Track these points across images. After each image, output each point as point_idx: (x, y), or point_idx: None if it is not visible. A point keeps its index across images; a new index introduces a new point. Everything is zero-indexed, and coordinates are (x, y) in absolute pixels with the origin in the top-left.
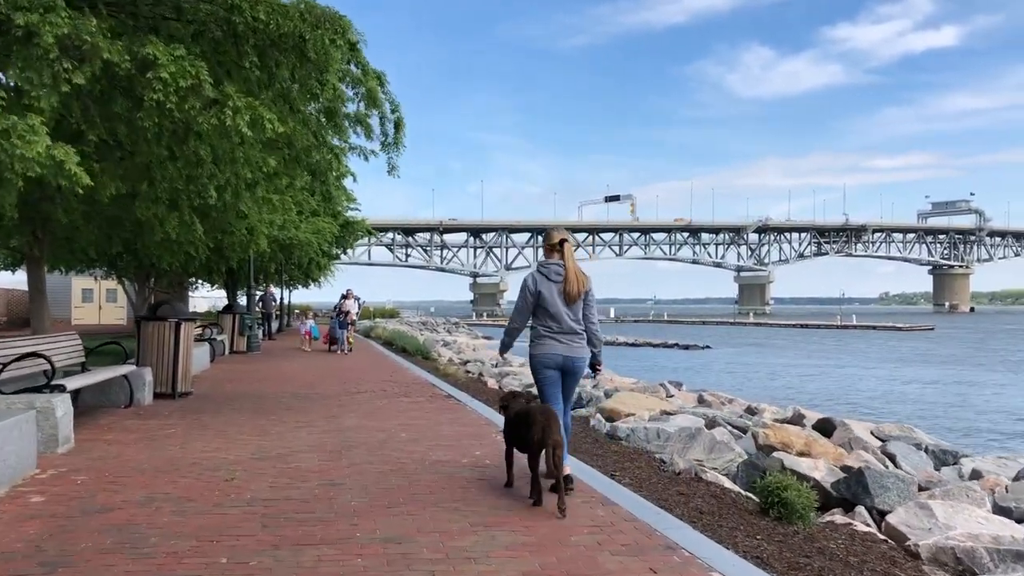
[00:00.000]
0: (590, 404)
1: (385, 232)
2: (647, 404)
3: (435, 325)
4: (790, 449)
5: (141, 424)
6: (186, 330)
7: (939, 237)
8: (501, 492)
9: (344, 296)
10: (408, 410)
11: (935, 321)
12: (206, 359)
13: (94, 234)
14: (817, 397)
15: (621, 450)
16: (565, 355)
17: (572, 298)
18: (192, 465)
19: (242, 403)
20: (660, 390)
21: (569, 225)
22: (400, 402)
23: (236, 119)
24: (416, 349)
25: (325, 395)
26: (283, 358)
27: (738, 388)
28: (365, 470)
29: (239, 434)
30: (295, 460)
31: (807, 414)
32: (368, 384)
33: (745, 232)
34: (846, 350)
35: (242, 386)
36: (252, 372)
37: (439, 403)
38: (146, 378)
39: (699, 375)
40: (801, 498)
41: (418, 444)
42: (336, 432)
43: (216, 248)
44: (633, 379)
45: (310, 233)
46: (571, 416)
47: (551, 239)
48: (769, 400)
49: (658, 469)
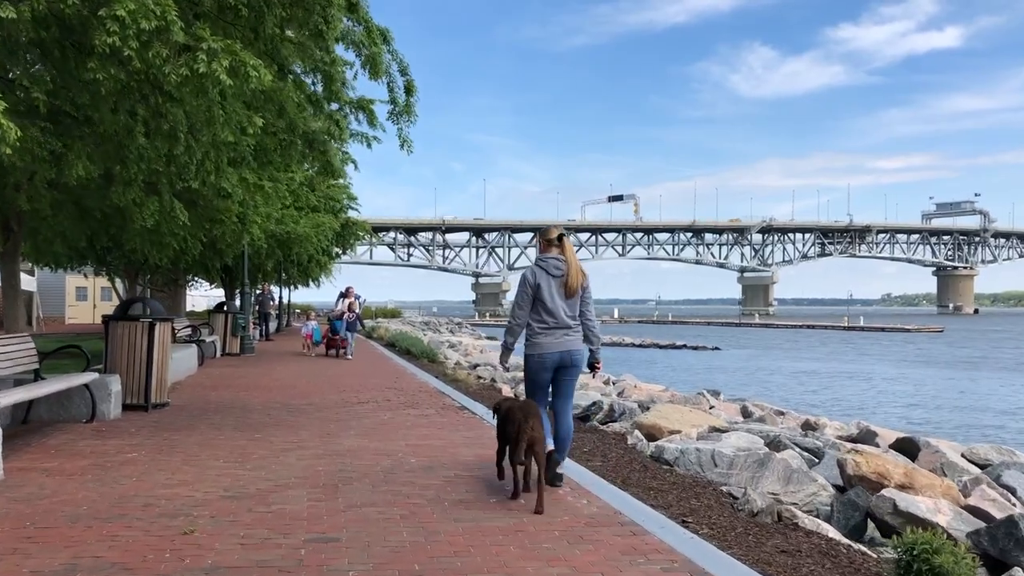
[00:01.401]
0: (623, 418)
1: (387, 231)
2: (692, 419)
3: (438, 325)
4: (887, 481)
5: (98, 446)
6: (162, 332)
7: (943, 238)
8: (544, 540)
9: (343, 294)
10: (417, 425)
11: (942, 323)
12: (193, 362)
13: (64, 224)
14: (856, 406)
15: (678, 480)
16: (562, 351)
17: (571, 291)
18: (145, 508)
19: (224, 417)
20: (702, 401)
21: (572, 225)
22: (407, 415)
23: (212, 65)
24: (421, 352)
25: (321, 406)
26: (278, 361)
27: (766, 394)
28: (367, 516)
29: (214, 460)
30: (278, 500)
31: (879, 431)
32: (370, 392)
33: (749, 232)
34: (862, 352)
35: (228, 394)
36: (242, 377)
37: (452, 416)
38: (111, 388)
39: (717, 379)
40: (960, 567)
41: (433, 474)
42: (331, 457)
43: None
44: (661, 386)
45: (309, 228)
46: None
47: (549, 234)
48: (806, 409)
49: (731, 508)
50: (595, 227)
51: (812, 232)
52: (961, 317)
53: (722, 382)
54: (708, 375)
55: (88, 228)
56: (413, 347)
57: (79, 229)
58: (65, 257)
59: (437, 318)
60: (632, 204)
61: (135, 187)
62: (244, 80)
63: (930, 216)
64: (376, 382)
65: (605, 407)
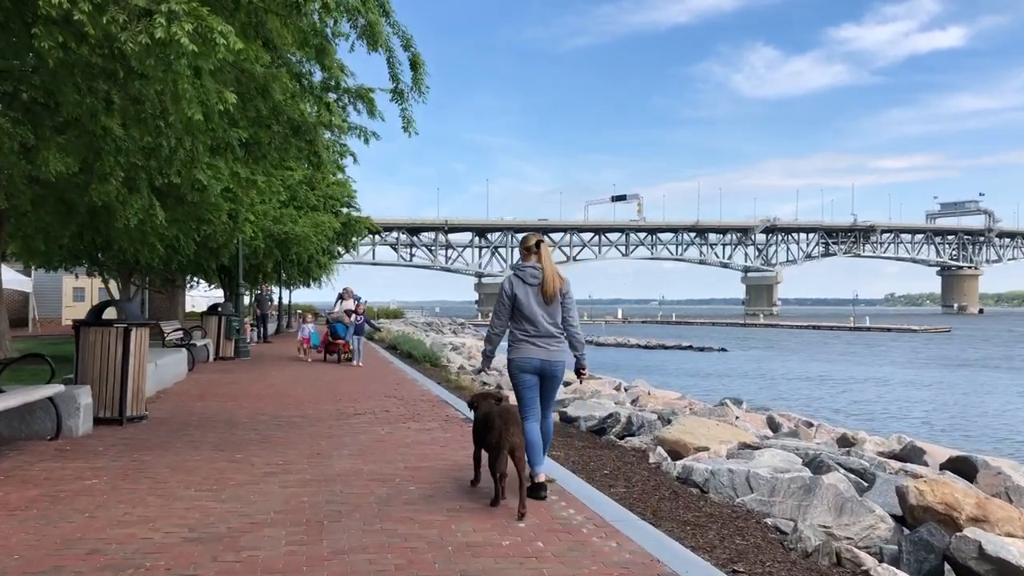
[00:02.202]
0: (642, 431)
1: (389, 231)
2: (719, 433)
3: (440, 326)
4: (957, 513)
5: (55, 470)
6: (138, 338)
7: (948, 238)
8: None
9: (341, 296)
10: (418, 442)
11: (948, 322)
12: (182, 368)
13: (46, 220)
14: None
15: (715, 511)
16: (543, 359)
17: (549, 297)
18: (88, 557)
19: (205, 432)
20: (727, 412)
21: (575, 225)
22: (407, 430)
23: (172, 29)
24: (424, 356)
25: (314, 418)
26: (273, 366)
27: (782, 400)
28: (356, 566)
29: (184, 488)
30: (251, 543)
31: (926, 448)
32: (368, 401)
33: (753, 232)
34: (873, 354)
35: (215, 404)
36: (233, 384)
37: (455, 431)
38: (79, 401)
39: (731, 385)
40: None
41: (434, 506)
42: (319, 484)
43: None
44: (677, 393)
45: (308, 228)
46: (552, 421)
47: (527, 242)
48: (828, 416)
49: (781, 546)
50: (598, 227)
51: (816, 232)
52: (966, 317)
53: (737, 388)
54: (720, 380)
55: (74, 224)
56: (415, 351)
57: (63, 225)
58: (57, 257)
59: (440, 319)
60: (635, 204)
61: (114, 182)
62: (211, 48)
63: (934, 216)
64: (375, 389)
65: (623, 419)
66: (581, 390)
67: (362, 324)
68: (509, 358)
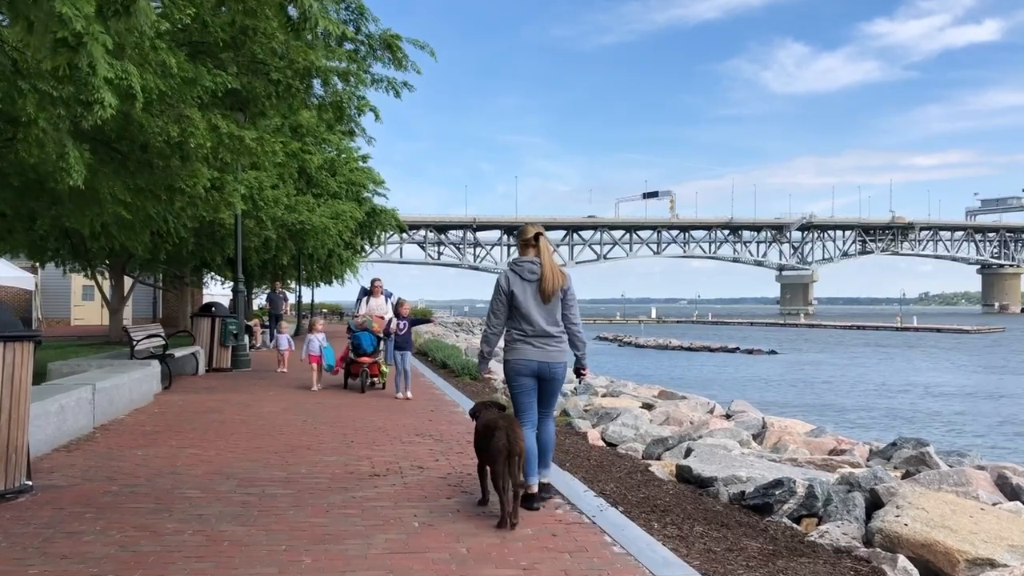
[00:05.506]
0: (836, 513)
1: (417, 230)
2: (993, 526)
3: (471, 326)
4: None
5: None
6: (18, 360)
7: (989, 235)
8: None
9: (367, 291)
10: (476, 563)
11: (990, 322)
12: (150, 387)
13: None
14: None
15: None
16: (540, 361)
17: (548, 296)
18: None
19: (111, 521)
20: (967, 480)
21: (606, 222)
22: (456, 520)
23: None
24: (462, 367)
25: (302, 487)
26: (273, 383)
27: (915, 422)
28: None
29: None
30: None
31: None
32: (391, 448)
33: (788, 230)
34: (949, 358)
35: (164, 452)
36: (209, 414)
37: (540, 525)
38: None
39: (821, 397)
40: None
41: None
42: None
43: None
44: (808, 425)
45: (327, 218)
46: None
47: (526, 234)
48: (1000, 455)
49: None
50: (630, 224)
51: (853, 229)
52: (1008, 316)
53: (829, 404)
54: (801, 392)
55: (6, 201)
56: (451, 360)
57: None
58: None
59: (470, 318)
60: (668, 201)
61: (33, 125)
62: None
63: (975, 212)
64: (403, 422)
65: (799, 491)
66: (675, 417)
67: (407, 334)
68: (505, 359)
